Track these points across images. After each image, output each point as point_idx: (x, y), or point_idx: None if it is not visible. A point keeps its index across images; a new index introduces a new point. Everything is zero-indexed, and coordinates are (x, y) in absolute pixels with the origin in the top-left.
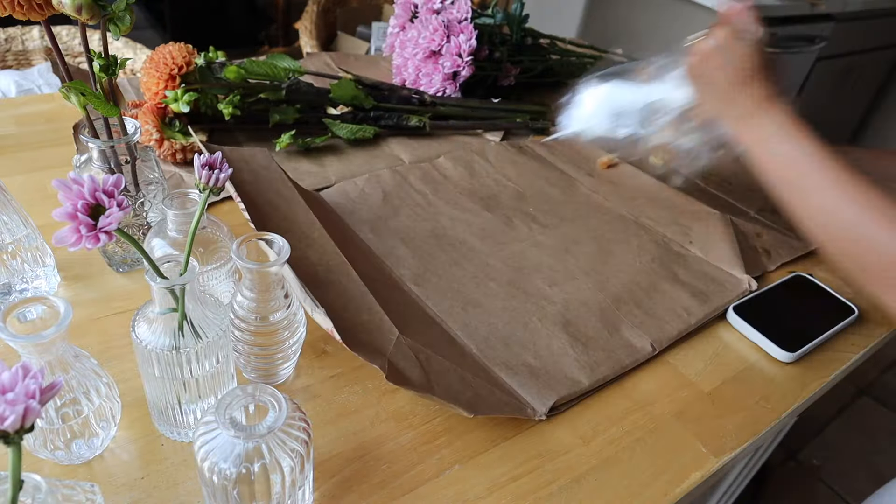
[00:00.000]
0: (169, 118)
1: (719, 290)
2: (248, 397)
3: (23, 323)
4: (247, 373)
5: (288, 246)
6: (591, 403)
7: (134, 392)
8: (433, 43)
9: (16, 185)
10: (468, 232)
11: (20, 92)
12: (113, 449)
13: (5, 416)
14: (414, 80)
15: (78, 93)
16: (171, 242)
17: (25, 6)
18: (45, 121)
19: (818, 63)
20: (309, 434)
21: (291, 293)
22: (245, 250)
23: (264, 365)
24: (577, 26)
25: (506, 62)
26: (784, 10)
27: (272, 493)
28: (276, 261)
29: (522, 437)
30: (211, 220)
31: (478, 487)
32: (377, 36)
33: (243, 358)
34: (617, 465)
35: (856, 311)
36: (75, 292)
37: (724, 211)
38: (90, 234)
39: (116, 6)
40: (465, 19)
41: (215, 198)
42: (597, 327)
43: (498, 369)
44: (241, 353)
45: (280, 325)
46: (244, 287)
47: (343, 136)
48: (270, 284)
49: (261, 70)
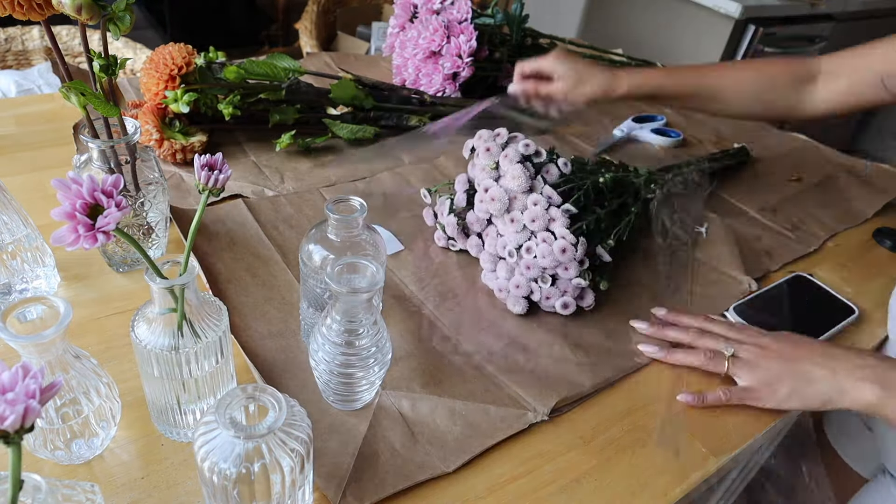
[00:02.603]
0: (169, 118)
1: (719, 291)
2: (248, 397)
3: (23, 323)
4: (326, 396)
5: (382, 274)
6: (592, 404)
7: (134, 392)
8: (433, 43)
9: (16, 185)
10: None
11: (20, 92)
12: (113, 449)
13: (5, 416)
14: (414, 80)
15: (78, 93)
16: (329, 247)
17: (25, 6)
18: (46, 121)
19: None
20: (309, 434)
21: (380, 320)
22: (340, 273)
23: (345, 390)
24: (577, 26)
25: (506, 62)
26: (784, 10)
27: (272, 493)
28: (369, 287)
29: (522, 437)
30: (369, 229)
31: (478, 487)
32: (377, 36)
33: (323, 382)
34: (617, 465)
35: (856, 311)
36: (75, 292)
37: (724, 210)
38: (88, 233)
39: (116, 6)
40: (465, 20)
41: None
42: (597, 335)
43: (499, 374)
44: (322, 375)
45: (366, 350)
46: (334, 311)
47: (343, 136)
48: (360, 309)
49: (261, 70)
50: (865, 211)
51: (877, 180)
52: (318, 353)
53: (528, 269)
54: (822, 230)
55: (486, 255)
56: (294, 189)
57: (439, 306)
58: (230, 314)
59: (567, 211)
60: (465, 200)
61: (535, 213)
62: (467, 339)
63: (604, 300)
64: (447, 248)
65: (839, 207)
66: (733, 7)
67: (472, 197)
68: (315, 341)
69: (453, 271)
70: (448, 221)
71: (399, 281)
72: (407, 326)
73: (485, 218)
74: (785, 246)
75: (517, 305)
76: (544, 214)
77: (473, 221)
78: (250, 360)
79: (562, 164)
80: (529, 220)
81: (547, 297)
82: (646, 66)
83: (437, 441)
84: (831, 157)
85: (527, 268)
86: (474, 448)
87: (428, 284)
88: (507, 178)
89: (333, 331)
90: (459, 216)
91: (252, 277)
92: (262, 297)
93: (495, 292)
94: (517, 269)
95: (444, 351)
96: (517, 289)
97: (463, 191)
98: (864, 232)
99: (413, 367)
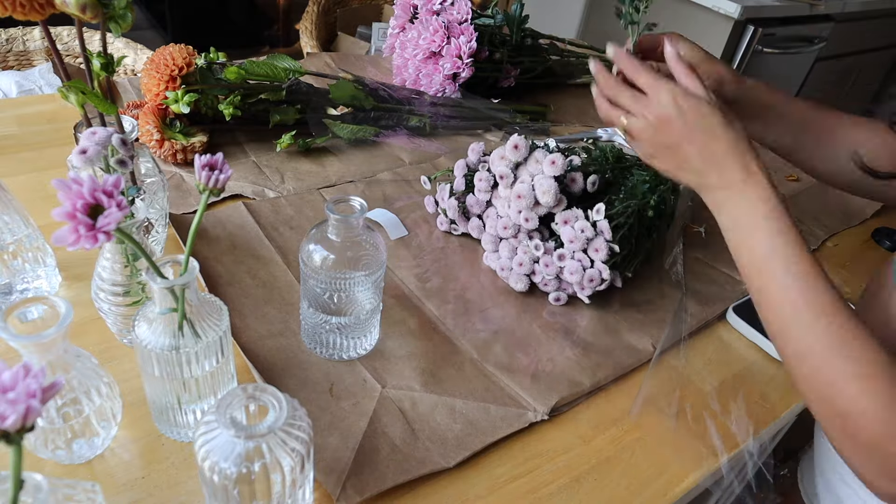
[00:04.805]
0: (170, 119)
1: (719, 291)
2: (249, 397)
3: (24, 323)
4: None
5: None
6: (592, 403)
7: (135, 392)
8: (433, 44)
9: (17, 185)
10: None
11: (21, 92)
12: (114, 449)
13: (6, 416)
14: (414, 80)
15: (76, 91)
16: (329, 247)
17: (27, 6)
18: (46, 121)
19: (818, 63)
20: (309, 434)
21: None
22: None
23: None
24: (577, 26)
25: (506, 63)
26: (783, 10)
27: (272, 493)
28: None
29: (522, 437)
30: (369, 229)
31: (478, 487)
32: (377, 36)
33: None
34: (617, 465)
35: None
36: (76, 292)
37: None
38: (89, 234)
39: (117, 4)
40: (465, 20)
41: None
42: (597, 331)
43: (499, 373)
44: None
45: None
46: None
47: (343, 136)
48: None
49: (261, 71)
50: (864, 211)
51: None
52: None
53: (546, 267)
54: (821, 230)
55: (488, 237)
56: (294, 189)
57: (440, 307)
58: (230, 315)
59: (612, 249)
60: (464, 185)
61: (575, 235)
62: (468, 339)
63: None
64: (449, 232)
65: (838, 207)
66: (733, 7)
67: (471, 181)
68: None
69: (456, 255)
70: (449, 205)
71: (399, 281)
72: (407, 326)
73: (484, 200)
74: None
75: (519, 283)
76: (587, 241)
77: (473, 204)
78: (250, 361)
79: (590, 183)
80: (568, 239)
81: (545, 283)
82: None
83: (437, 438)
84: None
85: (545, 265)
86: (474, 445)
87: (429, 270)
88: (539, 192)
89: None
90: (459, 199)
91: (252, 279)
92: (263, 297)
93: (497, 272)
94: (520, 248)
95: (445, 350)
96: (520, 266)
97: (462, 175)
98: (863, 232)
99: (413, 366)
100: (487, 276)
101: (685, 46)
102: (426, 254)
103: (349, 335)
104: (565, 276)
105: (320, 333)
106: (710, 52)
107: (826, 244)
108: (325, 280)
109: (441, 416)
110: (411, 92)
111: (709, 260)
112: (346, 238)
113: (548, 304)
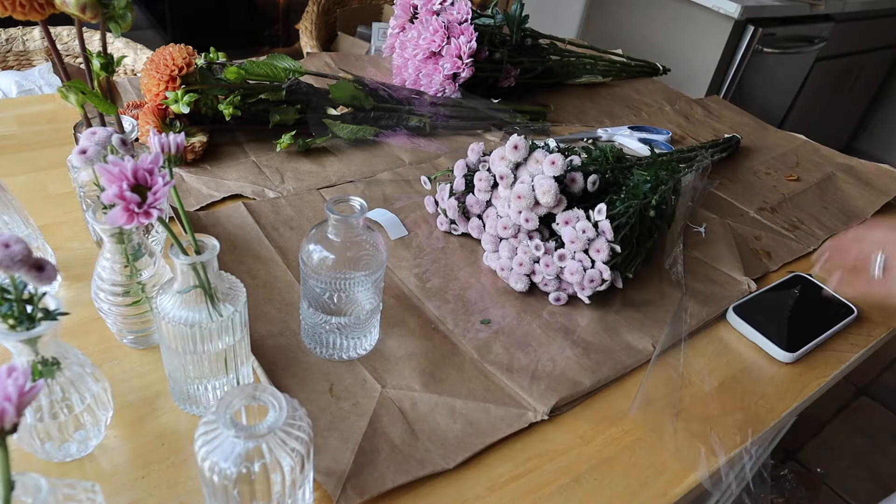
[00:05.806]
0: (170, 119)
1: (719, 291)
2: (249, 397)
3: None
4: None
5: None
6: (592, 403)
7: (135, 392)
8: (433, 44)
9: (17, 185)
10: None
11: (21, 92)
12: (114, 448)
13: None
14: (414, 80)
15: (76, 91)
16: (329, 247)
17: (27, 6)
18: (46, 121)
19: (818, 63)
20: (309, 434)
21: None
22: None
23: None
24: (577, 26)
25: (506, 63)
26: (784, 10)
27: (272, 493)
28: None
29: (522, 437)
30: (369, 229)
31: (478, 487)
32: (377, 36)
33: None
34: (617, 465)
35: (855, 311)
36: (76, 292)
37: (723, 210)
38: (140, 210)
39: (117, 4)
40: (465, 20)
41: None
42: (597, 330)
43: (499, 373)
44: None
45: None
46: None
47: (343, 136)
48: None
49: (261, 70)
50: (865, 211)
51: (877, 180)
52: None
53: (546, 267)
54: (822, 230)
55: (487, 237)
56: (294, 189)
57: (440, 307)
58: None
59: (613, 250)
60: (464, 185)
61: (576, 236)
62: (468, 339)
63: (604, 294)
64: (449, 232)
65: (838, 207)
66: (733, 7)
67: (471, 181)
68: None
69: (456, 255)
70: (449, 205)
71: (399, 281)
72: (407, 326)
73: (484, 200)
74: (784, 246)
75: (519, 283)
76: (588, 242)
77: (473, 204)
78: None
79: (590, 183)
80: (569, 239)
81: (545, 283)
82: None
83: (437, 438)
84: (831, 157)
85: (546, 265)
86: (474, 446)
87: (429, 270)
88: (539, 192)
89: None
90: (459, 199)
91: (252, 279)
92: (263, 297)
93: (497, 272)
94: (520, 247)
95: (445, 350)
96: (520, 266)
97: (462, 175)
98: None
99: (413, 366)
100: (487, 276)
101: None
102: (426, 254)
103: (349, 335)
104: (566, 276)
105: (320, 333)
106: (710, 52)
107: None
108: (325, 280)
109: (441, 416)
110: (411, 92)
111: (709, 260)
112: (346, 238)
113: (548, 304)
